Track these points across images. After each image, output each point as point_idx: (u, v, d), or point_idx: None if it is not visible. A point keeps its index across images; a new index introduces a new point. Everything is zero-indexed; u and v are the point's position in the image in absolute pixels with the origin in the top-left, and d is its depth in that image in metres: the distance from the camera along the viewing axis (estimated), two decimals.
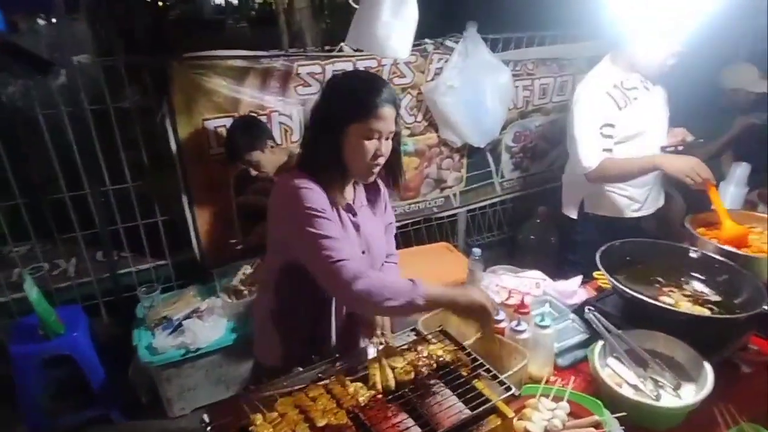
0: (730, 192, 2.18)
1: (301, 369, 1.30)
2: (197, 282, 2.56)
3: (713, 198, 1.85)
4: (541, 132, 3.23)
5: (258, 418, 1.05)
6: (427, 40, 2.57)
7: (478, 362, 1.25)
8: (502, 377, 1.19)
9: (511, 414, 1.13)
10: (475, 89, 2.63)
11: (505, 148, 3.15)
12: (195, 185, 2.42)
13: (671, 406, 1.26)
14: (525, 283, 1.94)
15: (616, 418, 1.23)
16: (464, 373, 1.22)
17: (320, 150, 1.31)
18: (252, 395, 1.16)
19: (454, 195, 3.14)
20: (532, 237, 3.24)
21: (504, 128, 2.99)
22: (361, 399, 1.09)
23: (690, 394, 1.29)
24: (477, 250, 2.10)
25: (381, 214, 1.54)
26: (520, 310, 1.50)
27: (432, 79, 2.67)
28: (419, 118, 2.77)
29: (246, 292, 2.36)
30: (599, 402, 1.27)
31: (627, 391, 1.30)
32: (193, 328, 2.17)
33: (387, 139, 1.32)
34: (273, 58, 2.34)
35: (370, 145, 1.28)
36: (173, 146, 2.32)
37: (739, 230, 1.79)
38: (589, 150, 2.04)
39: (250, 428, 1.03)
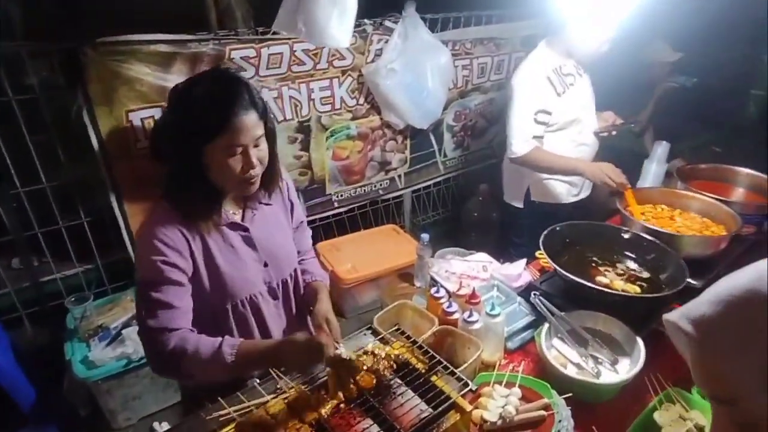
0: (652, 170, 2.33)
1: (258, 381, 1.27)
2: (133, 285, 2.41)
3: (628, 199, 1.96)
4: (480, 110, 3.28)
5: None
6: (366, 21, 2.50)
7: (435, 359, 1.28)
8: (458, 372, 1.22)
9: (469, 408, 1.18)
10: (415, 71, 2.61)
11: (446, 128, 3.18)
12: (123, 182, 2.24)
13: (610, 382, 1.36)
14: (473, 267, 2.00)
15: (564, 398, 1.31)
16: (422, 370, 1.25)
17: (179, 177, 1.18)
18: (208, 417, 1.13)
19: (399, 176, 3.14)
20: (475, 214, 3.33)
21: (445, 108, 3.00)
22: (323, 411, 1.09)
23: (625, 369, 1.40)
24: (425, 236, 2.13)
25: (285, 216, 1.43)
26: (471, 300, 1.54)
27: (372, 61, 2.61)
28: (361, 100, 2.72)
29: None
30: (547, 384, 1.34)
31: (571, 371, 1.38)
32: (134, 336, 2.05)
33: (256, 146, 1.17)
34: (202, 42, 2.18)
35: (235, 162, 1.15)
36: (94, 141, 2.13)
37: (661, 213, 1.93)
38: (520, 136, 2.10)
39: None
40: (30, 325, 2.40)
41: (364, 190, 3.03)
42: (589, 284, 1.50)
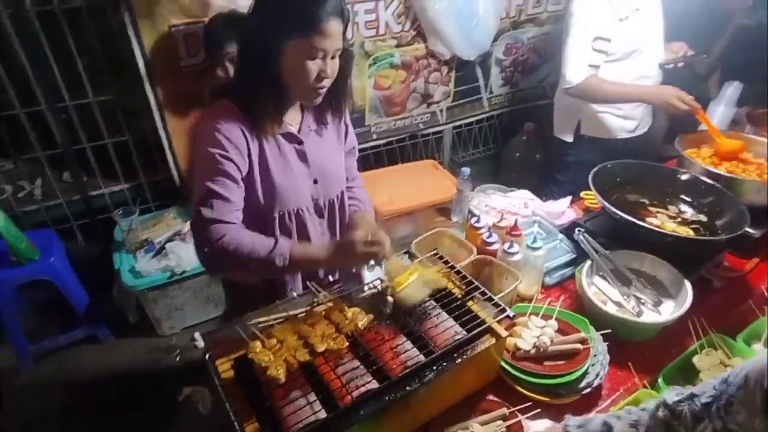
0: (719, 112, 2.16)
1: (296, 295, 1.29)
2: (176, 203, 2.49)
3: (703, 119, 1.84)
4: (533, 45, 3.08)
5: (257, 345, 1.06)
6: None
7: (473, 285, 1.26)
8: (496, 298, 1.21)
9: (504, 334, 1.17)
10: None
11: (495, 62, 3.01)
12: (168, 101, 2.25)
13: (651, 321, 1.33)
14: (514, 204, 1.95)
15: (601, 334, 1.29)
16: (459, 296, 1.25)
17: (253, 72, 1.17)
18: (249, 323, 1.16)
19: (441, 111, 3.03)
20: (517, 154, 3.22)
21: (495, 40, 2.83)
22: (360, 324, 1.10)
23: (668, 311, 1.36)
24: (466, 170, 2.08)
25: (339, 137, 1.42)
26: (512, 232, 1.51)
27: None
28: (407, 26, 2.59)
29: None
30: (586, 320, 1.32)
31: (611, 308, 1.35)
32: (177, 250, 2.13)
33: (333, 58, 1.17)
34: None
35: (313, 65, 1.14)
36: (138, 56, 2.12)
37: (734, 145, 1.79)
38: (576, 64, 1.97)
39: (249, 356, 1.04)
40: (81, 236, 2.52)
41: (404, 123, 2.95)
42: (640, 222, 1.43)
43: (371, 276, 1.35)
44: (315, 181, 1.34)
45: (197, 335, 2.35)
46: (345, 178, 1.45)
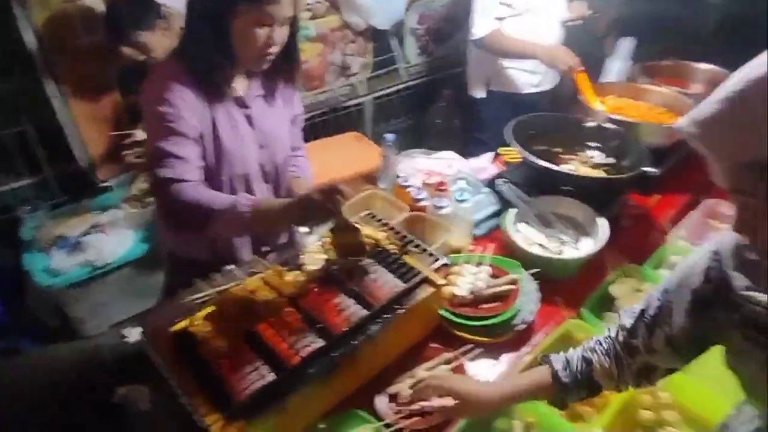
0: (616, 67, 2.33)
1: (232, 267, 1.26)
2: (90, 194, 2.31)
3: (581, 84, 1.95)
4: (446, 13, 3.14)
5: (197, 317, 1.03)
6: None
7: (407, 239, 1.30)
8: (430, 249, 1.26)
9: (441, 282, 1.22)
10: None
11: (409, 31, 3.05)
12: (70, 84, 2.07)
13: (572, 257, 1.44)
14: (439, 164, 2.01)
15: (530, 274, 1.38)
16: (395, 251, 1.28)
17: (201, 36, 1.17)
18: (187, 298, 1.13)
19: (360, 82, 3.03)
20: (437, 121, 3.29)
21: (408, 9, 2.86)
22: (300, 285, 1.11)
23: (587, 247, 1.48)
24: (390, 136, 2.09)
25: (285, 105, 1.43)
26: (439, 188, 1.56)
27: None
28: None
29: (152, 199, 2.20)
30: (515, 261, 1.41)
31: (536, 250, 1.45)
32: (97, 243, 2.00)
33: (282, 25, 1.20)
34: None
35: (262, 32, 1.16)
36: (29, 35, 1.92)
37: (613, 108, 1.95)
38: (482, 16, 2.07)
39: (189, 329, 1.01)
40: None
41: (325, 96, 2.92)
42: (556, 168, 1.53)
43: (308, 241, 1.36)
44: (261, 146, 1.34)
45: (127, 330, 2.22)
46: (290, 146, 1.45)
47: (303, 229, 1.53)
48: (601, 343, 0.95)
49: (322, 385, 1.04)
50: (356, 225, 1.20)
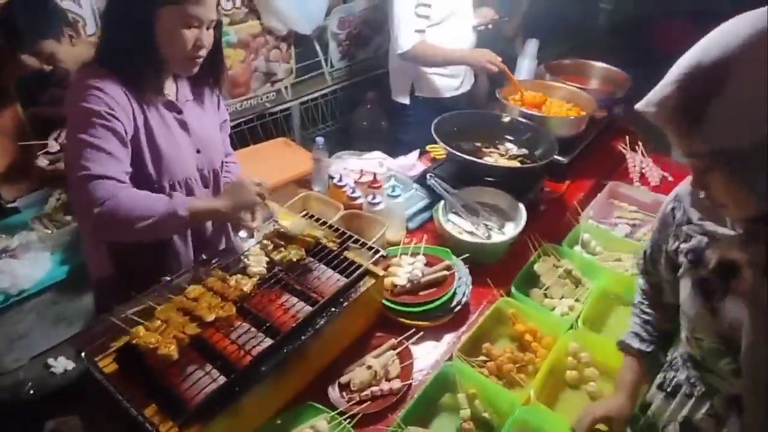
0: (525, 66, 2.53)
1: (169, 278, 1.24)
2: None
3: (508, 77, 2.17)
4: (364, 17, 3.22)
5: (139, 329, 1.01)
6: None
7: (345, 235, 1.35)
8: (369, 243, 1.31)
9: (381, 273, 1.28)
10: None
11: (331, 36, 3.09)
12: None
13: (498, 241, 1.56)
14: (369, 164, 2.07)
15: (461, 259, 1.48)
16: (334, 248, 1.32)
17: (124, 41, 1.14)
18: (124, 311, 1.10)
19: (286, 88, 3.03)
20: (364, 123, 3.36)
21: (328, 14, 2.90)
22: (245, 288, 1.12)
23: (510, 231, 1.60)
24: (320, 139, 2.13)
25: (213, 110, 1.43)
26: (373, 185, 1.62)
27: None
28: (238, 3, 2.52)
29: (69, 219, 2.06)
30: (447, 249, 1.50)
31: (466, 237, 1.55)
32: (9, 269, 1.84)
33: (209, 28, 1.20)
34: None
35: (190, 34, 1.15)
36: None
37: (537, 97, 2.13)
38: (405, 30, 2.15)
39: (133, 342, 0.99)
40: None
41: (250, 103, 2.90)
42: (478, 161, 1.65)
43: (247, 245, 1.36)
44: (198, 151, 1.33)
45: (53, 360, 2.07)
46: (222, 151, 1.45)
47: (242, 234, 1.53)
48: (642, 302, 1.16)
49: (274, 382, 1.06)
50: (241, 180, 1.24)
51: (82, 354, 1.00)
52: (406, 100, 2.47)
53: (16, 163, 2.10)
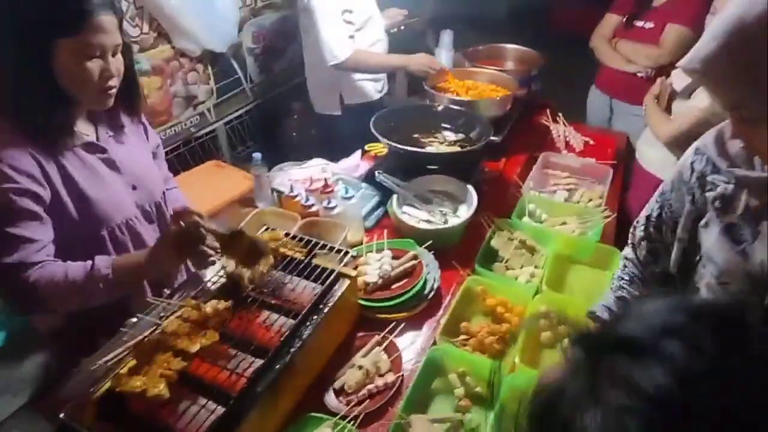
0: (443, 56, 2.63)
1: (136, 319, 1.18)
2: None
3: (451, 79, 2.27)
4: (277, 29, 3.20)
5: (120, 376, 0.95)
6: None
7: (310, 242, 1.34)
8: (336, 245, 1.32)
9: (353, 273, 1.29)
10: None
11: (247, 51, 3.04)
12: None
13: (456, 224, 1.62)
14: (313, 171, 2.06)
15: (425, 247, 1.52)
16: (302, 258, 1.31)
17: (22, 83, 1.03)
18: (95, 365, 1.03)
19: (209, 110, 2.94)
20: (294, 134, 3.34)
21: (240, 29, 2.85)
22: (222, 311, 1.09)
23: (464, 213, 1.67)
24: (257, 155, 2.09)
25: (140, 140, 1.34)
26: (325, 191, 1.62)
27: None
28: (145, 28, 2.41)
29: None
30: (410, 240, 1.54)
31: (424, 225, 1.60)
32: None
33: (114, 55, 1.09)
34: None
35: (94, 65, 1.05)
36: None
37: (466, 84, 2.23)
38: (338, 40, 2.14)
39: (117, 390, 0.93)
40: None
41: (174, 130, 2.78)
42: (421, 150, 1.70)
43: (212, 271, 1.32)
44: (134, 187, 1.25)
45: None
46: (161, 179, 1.38)
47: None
48: (622, 278, 1.12)
49: (272, 400, 1.05)
50: (235, 230, 1.15)
51: (61, 416, 0.93)
52: (338, 111, 2.48)
53: None
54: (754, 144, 0.81)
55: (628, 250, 1.19)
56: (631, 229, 1.18)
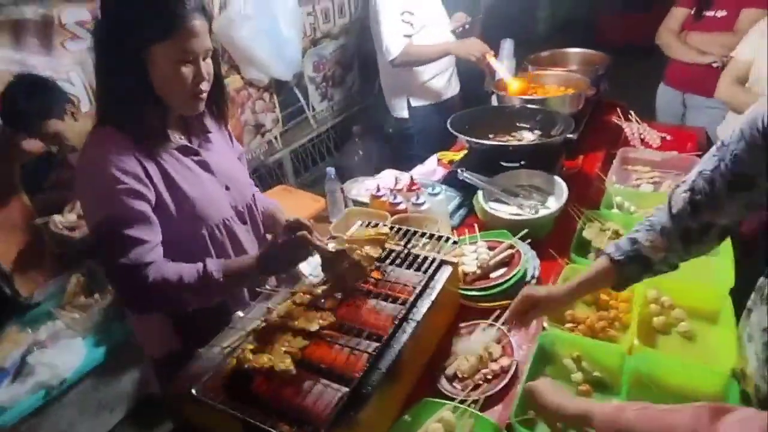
0: (504, 65, 2.63)
1: (242, 314, 1.19)
2: (14, 315, 2.01)
3: (494, 64, 2.25)
4: (336, 58, 3.33)
5: (246, 353, 0.96)
6: None
7: (409, 232, 1.33)
8: (435, 233, 1.30)
9: (456, 260, 1.27)
10: (268, 17, 2.54)
11: (308, 80, 3.17)
12: None
13: (548, 213, 1.57)
14: (387, 181, 2.08)
15: (519, 238, 1.48)
16: (400, 249, 1.30)
17: (121, 89, 1.06)
18: (214, 350, 1.04)
19: (276, 138, 3.06)
20: (356, 158, 3.41)
21: (302, 59, 2.99)
22: (338, 295, 1.08)
23: (554, 203, 1.62)
24: (331, 170, 2.13)
25: (227, 145, 1.36)
26: (412, 188, 1.63)
27: (219, 14, 2.47)
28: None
29: (93, 300, 1.97)
30: (504, 231, 1.50)
31: (515, 217, 1.56)
32: (45, 360, 1.73)
33: (205, 59, 1.11)
34: (19, 3, 1.82)
35: (187, 69, 1.06)
36: None
37: (521, 84, 2.22)
38: (393, 37, 2.26)
39: (245, 366, 0.93)
40: None
41: (246, 158, 2.90)
42: (504, 143, 1.68)
43: (311, 268, 1.32)
44: (227, 188, 1.26)
45: None
46: (250, 185, 1.40)
47: None
48: (643, 223, 1.06)
49: (391, 382, 1.02)
50: (339, 248, 1.13)
51: (193, 391, 0.93)
52: (405, 114, 2.55)
53: (28, 254, 2.01)
54: None
55: (661, 204, 1.08)
56: (674, 186, 1.08)
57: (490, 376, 1.12)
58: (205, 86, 1.13)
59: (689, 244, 1.01)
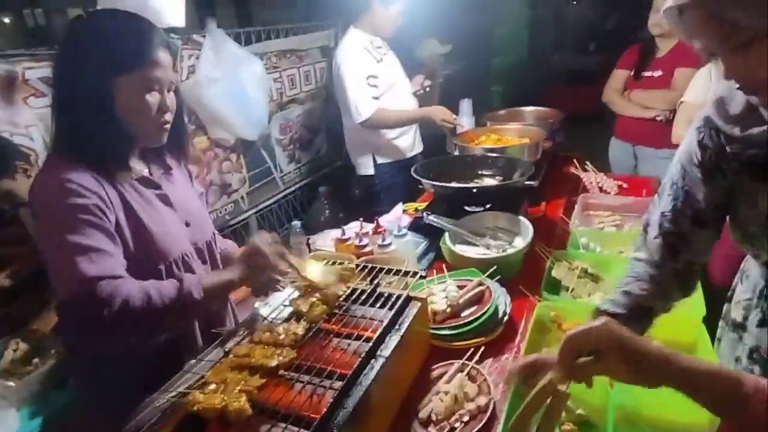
0: (465, 123, 2.75)
1: (194, 360, 1.09)
2: None
3: (458, 126, 2.40)
4: (302, 122, 3.39)
5: (196, 395, 0.86)
6: (173, 35, 2.40)
7: (375, 269, 1.29)
8: (403, 268, 1.26)
9: (424, 295, 1.22)
10: (235, 80, 2.59)
11: (275, 142, 3.20)
12: None
13: (515, 250, 1.56)
14: (353, 230, 2.05)
15: (488, 276, 1.45)
16: (364, 288, 1.24)
17: (84, 119, 1.05)
18: (165, 394, 0.94)
19: (242, 198, 3.02)
20: (322, 218, 3.38)
21: (269, 122, 3.04)
22: (299, 331, 1.01)
23: (521, 242, 1.62)
24: (296, 223, 2.12)
25: (187, 183, 1.34)
26: (378, 230, 1.60)
27: (187, 78, 2.51)
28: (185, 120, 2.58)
29: (31, 366, 1.79)
30: (473, 269, 1.47)
31: (484, 256, 1.54)
32: None
33: (169, 91, 1.13)
34: None
35: (153, 99, 1.08)
36: None
37: (492, 138, 2.32)
38: (362, 101, 2.36)
39: (194, 409, 0.83)
40: None
41: (211, 217, 2.83)
42: (469, 186, 1.70)
43: (269, 309, 1.24)
44: (187, 224, 1.22)
45: None
46: (210, 224, 1.35)
47: (256, 304, 1.41)
48: (628, 276, 1.03)
49: (358, 423, 0.92)
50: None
51: None
52: (371, 171, 2.59)
53: None
54: (753, 72, 0.73)
55: (638, 253, 1.07)
56: (641, 231, 1.07)
57: (466, 418, 1.04)
58: (169, 117, 1.15)
59: (688, 281, 1.03)
